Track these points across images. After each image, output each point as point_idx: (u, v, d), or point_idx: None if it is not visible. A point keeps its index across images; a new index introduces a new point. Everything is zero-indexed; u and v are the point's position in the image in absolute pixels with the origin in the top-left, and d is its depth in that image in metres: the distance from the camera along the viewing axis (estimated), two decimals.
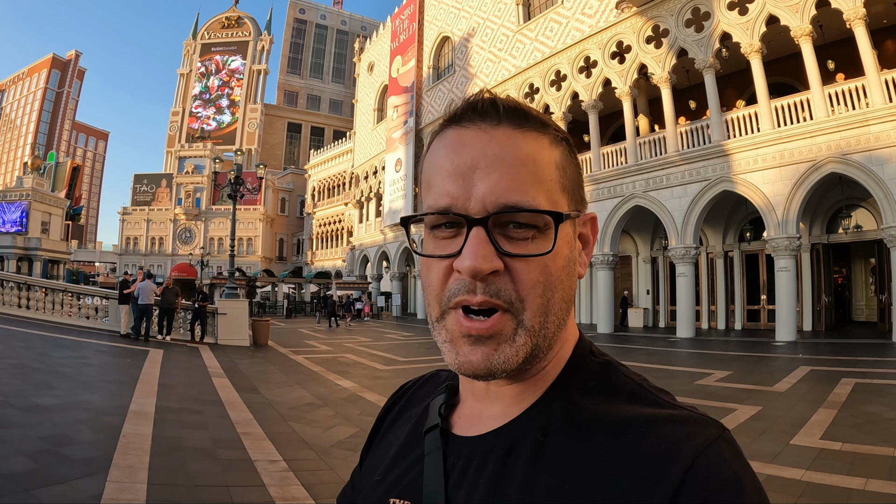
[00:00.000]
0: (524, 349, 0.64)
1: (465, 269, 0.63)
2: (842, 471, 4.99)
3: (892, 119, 15.68)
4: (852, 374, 10.60)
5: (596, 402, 0.66)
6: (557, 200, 0.66)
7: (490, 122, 0.66)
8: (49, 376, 8.96)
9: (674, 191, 21.08)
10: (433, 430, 0.76)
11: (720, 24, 19.49)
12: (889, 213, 16.02)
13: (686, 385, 10.27)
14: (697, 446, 0.57)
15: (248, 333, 17.74)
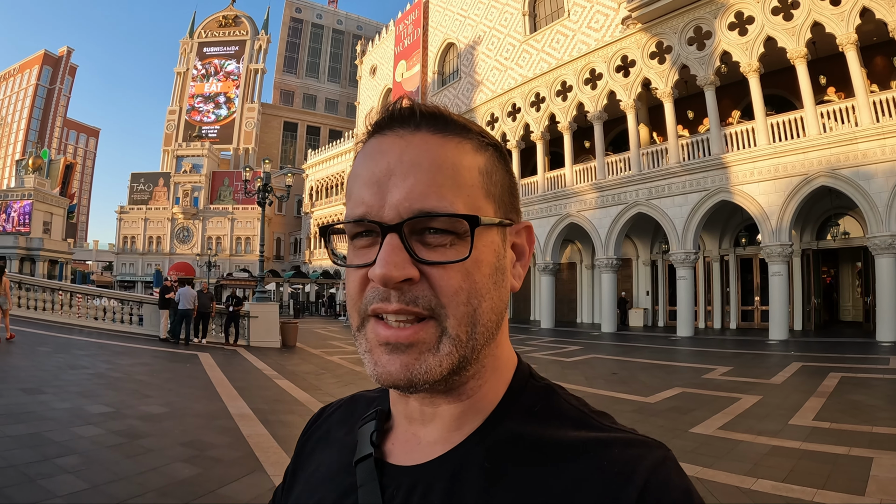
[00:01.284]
0: (448, 359, 0.63)
1: (376, 276, 0.62)
2: (830, 442, 6.45)
3: (879, 138, 17.30)
4: (839, 369, 12.12)
5: (542, 427, 0.67)
6: (480, 206, 0.65)
7: (408, 129, 0.66)
8: (134, 384, 9.88)
9: (675, 199, 22.64)
10: (366, 460, 0.72)
11: (721, 44, 21.04)
12: (874, 224, 17.64)
13: (694, 379, 11.76)
14: (648, 467, 0.59)
15: (278, 336, 18.61)
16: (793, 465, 5.72)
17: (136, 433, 6.56)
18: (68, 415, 7.05)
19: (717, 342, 20.20)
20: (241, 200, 66.19)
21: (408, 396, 0.71)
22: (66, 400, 7.84)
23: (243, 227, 66.14)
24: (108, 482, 4.83)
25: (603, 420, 0.69)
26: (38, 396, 7.87)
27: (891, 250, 17.40)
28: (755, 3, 20.03)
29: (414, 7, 42.11)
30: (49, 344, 13.54)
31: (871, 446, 6.16)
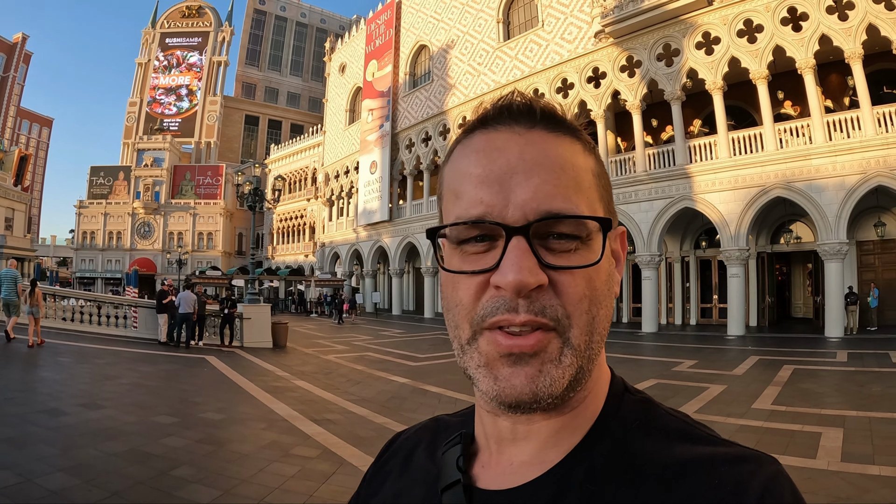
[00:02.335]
0: (570, 370, 0.60)
1: (508, 284, 0.57)
2: (787, 421, 8.02)
3: (831, 154, 19.31)
4: (792, 362, 13.91)
5: (645, 443, 0.63)
6: (597, 210, 0.63)
7: (524, 125, 0.63)
8: (174, 392, 10.36)
9: (641, 205, 24.35)
10: (453, 487, 0.68)
11: (688, 62, 22.82)
12: (824, 232, 19.64)
13: (665, 371, 13.35)
14: (762, 484, 0.56)
15: (270, 336, 18.91)
16: (758, 438, 7.23)
17: (217, 440, 7.17)
18: (145, 427, 7.48)
19: (680, 338, 22.06)
20: (203, 195, 66.18)
21: (499, 415, 0.67)
22: (129, 413, 8.25)
23: (205, 223, 66.13)
24: (235, 486, 5.45)
25: (707, 432, 0.65)
26: (102, 411, 8.21)
27: (838, 256, 19.45)
28: (722, 26, 21.89)
29: (386, 7, 42.91)
30: (63, 352, 13.98)
31: (820, 424, 7.73)
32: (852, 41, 19.03)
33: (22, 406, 7.98)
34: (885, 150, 18.45)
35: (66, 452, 6.04)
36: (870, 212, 21.42)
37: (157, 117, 73.53)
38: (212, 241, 65.95)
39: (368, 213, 41.75)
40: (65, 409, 7.98)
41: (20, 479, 5.11)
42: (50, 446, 6.24)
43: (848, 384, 11.15)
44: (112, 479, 5.36)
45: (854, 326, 20.26)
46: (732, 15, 21.62)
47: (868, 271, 22.61)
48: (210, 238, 66.13)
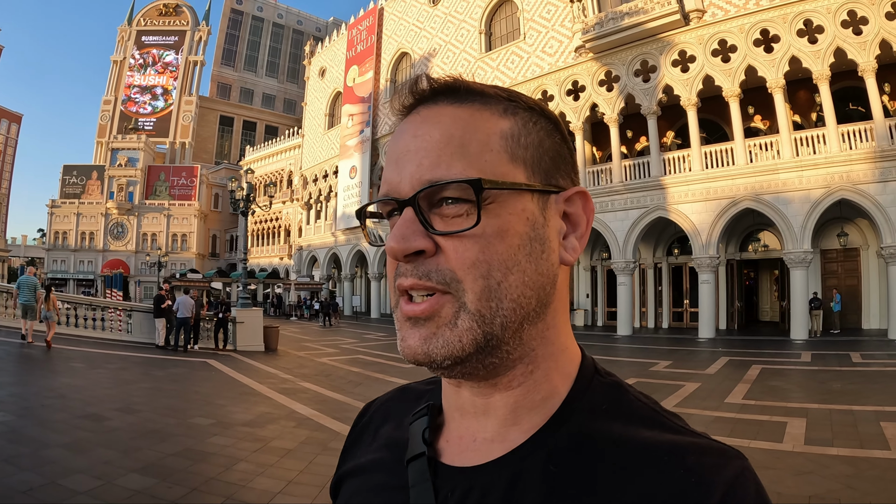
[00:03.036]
0: (469, 335, 0.61)
1: (387, 250, 0.63)
2: (756, 413, 9.10)
3: (797, 169, 20.74)
4: (760, 362, 15.14)
5: (610, 428, 0.64)
6: (504, 172, 0.63)
7: (427, 104, 0.67)
8: (196, 396, 10.83)
9: (617, 214, 25.56)
10: (418, 459, 0.70)
11: (664, 78, 24.12)
12: (790, 242, 21.04)
13: (643, 371, 14.42)
14: (726, 480, 0.57)
15: (262, 340, 19.21)
16: (732, 427, 8.29)
17: (258, 438, 7.62)
18: (186, 429, 7.89)
19: (653, 340, 23.35)
20: (178, 196, 66.00)
21: (459, 386, 0.70)
22: (165, 416, 8.63)
23: (180, 224, 65.89)
24: (295, 477, 5.97)
25: (676, 421, 0.66)
26: (140, 414, 8.58)
27: (803, 264, 20.88)
28: (697, 45, 23.27)
29: (368, 14, 43.71)
30: (73, 358, 14.27)
31: (786, 415, 8.81)
32: (821, 63, 20.50)
33: (62, 412, 8.27)
34: (849, 165, 19.94)
35: (127, 455, 6.45)
36: (833, 222, 22.91)
37: (131, 116, 73.04)
38: (186, 243, 65.72)
39: (348, 218, 42.38)
40: (105, 414, 8.36)
41: (99, 481, 5.44)
42: (109, 449, 6.59)
43: (811, 381, 12.39)
44: (185, 476, 5.83)
45: (818, 329, 21.73)
46: (708, 35, 23.00)
47: (831, 278, 24.16)
48: (184, 240, 65.90)
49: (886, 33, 19.50)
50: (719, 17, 22.70)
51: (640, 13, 23.88)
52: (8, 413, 7.72)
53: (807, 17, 20.93)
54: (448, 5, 36.09)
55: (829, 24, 20.46)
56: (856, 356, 15.63)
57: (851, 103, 22.69)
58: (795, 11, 21.07)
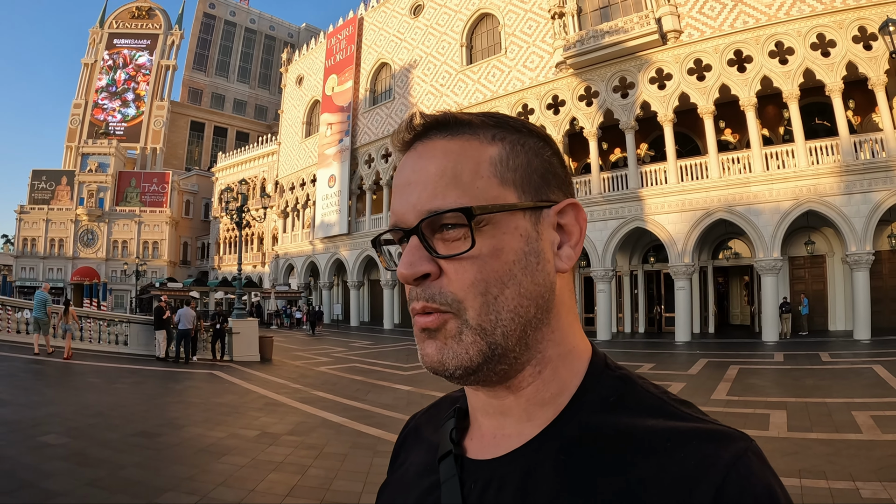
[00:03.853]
0: (475, 347, 0.68)
1: (399, 276, 0.71)
2: (741, 407, 10.27)
3: (767, 182, 22.21)
4: (737, 363, 16.47)
5: (618, 418, 0.69)
6: (497, 195, 0.70)
7: (422, 140, 0.75)
8: (223, 408, 11.08)
9: (596, 225, 26.75)
10: (447, 457, 0.79)
11: (642, 95, 25.48)
12: (760, 250, 22.50)
13: None
14: (728, 461, 0.60)
15: (258, 350, 19.59)
16: (722, 419, 8.60)
17: (311, 445, 8.07)
18: (240, 441, 8.31)
19: (632, 344, 24.72)
20: (149, 203, 65.61)
21: (476, 391, 0.78)
22: (212, 429, 8.99)
23: (151, 231, 65.49)
24: (373, 479, 6.34)
25: (684, 409, 0.70)
26: (189, 429, 8.96)
27: (773, 271, 22.35)
28: (674, 64, 24.69)
29: (348, 23, 44.41)
30: (86, 372, 14.51)
31: (768, 408, 9.98)
32: (791, 84, 22.05)
33: (112, 431, 8.42)
34: (816, 179, 21.45)
35: (202, 468, 6.83)
36: (801, 231, 24.41)
37: (100, 125, 72.21)
38: (157, 251, 65.25)
39: (326, 226, 42.96)
40: (153, 431, 8.67)
41: (194, 496, 5.78)
42: (182, 466, 6.93)
43: (786, 379, 13.69)
44: (270, 485, 6.26)
45: (787, 332, 23.21)
46: (684, 54, 24.46)
47: (799, 283, 25.72)
48: (156, 247, 65.43)
49: (853, 56, 21.13)
50: (695, 37, 24.18)
51: (620, 32, 25.25)
52: (61, 435, 7.89)
53: (778, 40, 22.50)
54: (429, 17, 37.13)
55: (798, 46, 22.02)
56: (825, 355, 17.03)
57: (818, 118, 24.41)
58: (768, 34, 22.63)
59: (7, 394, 10.59)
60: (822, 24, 21.71)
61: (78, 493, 5.64)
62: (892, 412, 9.11)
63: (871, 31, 20.75)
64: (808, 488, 5.89)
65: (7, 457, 6.67)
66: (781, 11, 22.37)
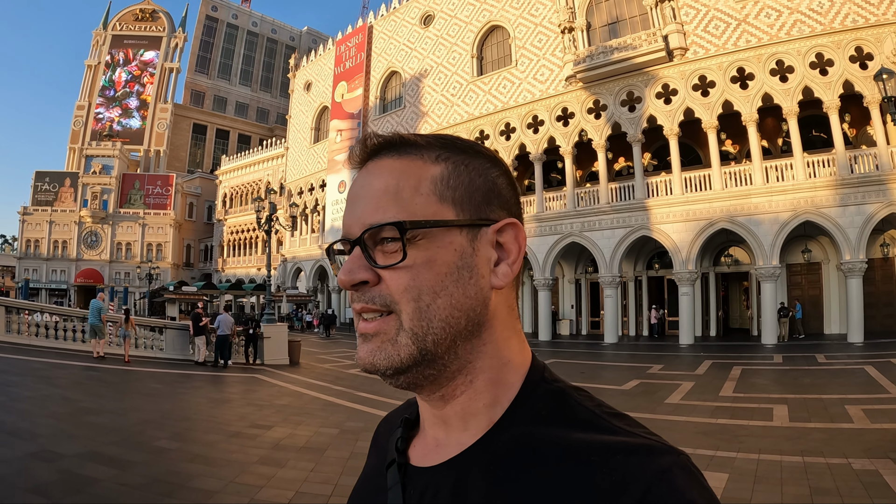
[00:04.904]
0: (406, 350, 0.74)
1: (338, 282, 0.77)
2: (747, 403, 11.77)
3: (767, 194, 23.82)
4: (739, 364, 18.02)
5: (548, 431, 0.72)
6: (434, 212, 0.75)
7: (374, 159, 0.81)
8: (288, 409, 11.77)
9: (604, 233, 28.36)
10: (392, 465, 0.84)
11: (649, 109, 27.07)
12: (760, 258, 24.09)
13: (642, 373, 17.00)
14: (650, 476, 0.62)
15: (287, 354, 20.48)
16: (732, 412, 10.88)
17: None
18: (329, 438, 9.00)
19: (639, 347, 26.21)
20: (152, 205, 66.55)
21: (423, 401, 0.85)
22: (296, 428, 9.75)
23: (154, 234, 66.22)
24: None
25: (616, 422, 0.73)
26: (276, 429, 9.67)
27: (772, 277, 23.93)
28: (679, 79, 26.29)
29: (357, 31, 45.84)
30: (143, 378, 15.31)
31: (770, 403, 11.48)
32: (790, 100, 23.67)
33: (210, 433, 9.32)
34: (813, 191, 23.07)
35: (321, 463, 7.49)
36: (798, 240, 25.98)
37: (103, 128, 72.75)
38: (161, 253, 65.89)
39: (336, 231, 44.00)
40: (246, 432, 9.43)
41: (328, 485, 6.40)
42: (301, 461, 7.58)
43: (785, 378, 15.24)
44: None
45: (785, 335, 24.80)
46: (689, 71, 26.06)
47: (796, 289, 27.40)
48: (159, 249, 66.06)
49: (850, 74, 22.75)
50: (700, 55, 25.81)
51: (628, 49, 26.85)
52: (170, 439, 8.56)
53: (779, 58, 24.13)
54: (440, 27, 38.59)
55: (798, 64, 23.64)
56: (820, 357, 18.60)
57: (815, 130, 25.98)
58: (769, 52, 24.26)
59: (90, 402, 11.36)
60: (820, 45, 23.33)
61: (242, 492, 6.25)
62: (880, 406, 10.60)
63: (867, 50, 22.51)
64: (809, 463, 7.29)
65: (142, 462, 7.26)
66: (783, 31, 24.00)
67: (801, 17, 23.68)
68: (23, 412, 9.14)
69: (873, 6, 22.29)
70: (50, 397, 11.04)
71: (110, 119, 74.65)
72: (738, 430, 9.34)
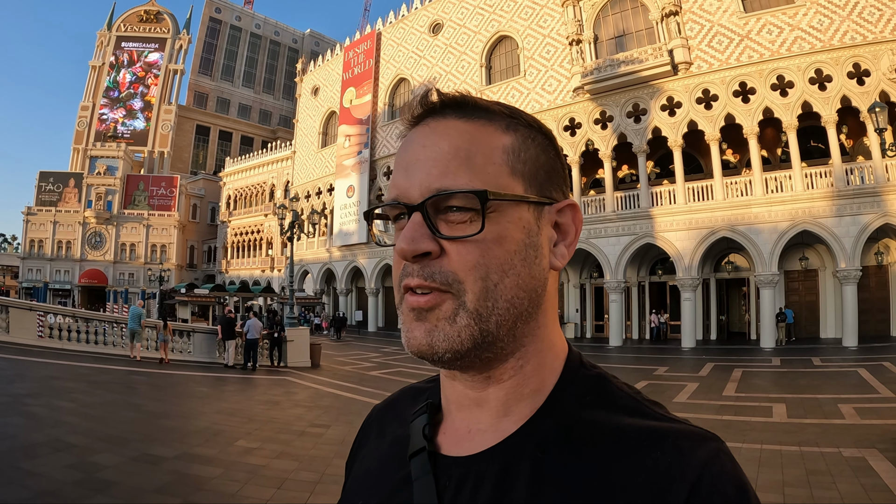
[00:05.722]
0: (468, 331, 0.70)
1: (397, 251, 0.72)
2: (749, 401, 13.05)
3: (767, 204, 25.13)
4: (740, 366, 19.39)
5: (594, 416, 0.72)
6: (505, 184, 0.72)
7: (436, 117, 0.76)
8: (335, 410, 12.60)
9: (609, 240, 29.64)
10: (420, 454, 0.79)
11: (654, 121, 28.38)
12: (759, 265, 25.39)
13: (649, 375, 18.29)
14: (702, 461, 0.64)
15: (308, 356, 21.19)
16: (736, 410, 12.15)
17: None
18: None
19: (643, 350, 27.58)
20: (157, 206, 67.33)
21: (455, 380, 0.80)
22: (351, 425, 9.77)
23: (159, 235, 66.88)
24: None
25: (656, 409, 0.74)
26: (333, 428, 10.46)
27: (771, 284, 25.24)
28: (684, 93, 27.62)
29: (365, 38, 47.00)
30: (185, 381, 16.31)
31: (770, 402, 12.78)
32: (790, 115, 24.99)
33: (281, 433, 9.94)
34: (811, 202, 24.36)
35: None
36: (796, 247, 27.24)
37: (107, 130, 73.55)
38: (165, 254, 66.54)
39: (345, 235, 45.48)
40: (310, 431, 10.16)
41: None
42: None
43: (783, 379, 16.65)
44: None
45: (782, 339, 26.08)
46: (693, 84, 27.38)
47: (793, 295, 28.77)
48: (164, 250, 66.74)
49: (847, 90, 24.07)
50: (704, 69, 27.13)
51: (635, 62, 28.14)
52: (247, 439, 9.25)
53: (780, 73, 25.45)
54: (448, 36, 39.78)
55: (798, 80, 24.96)
56: (816, 360, 19.99)
57: (813, 140, 27.26)
58: (770, 68, 25.59)
59: (154, 406, 12.04)
60: (820, 61, 24.63)
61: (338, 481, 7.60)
62: (870, 405, 11.87)
63: (864, 67, 23.83)
64: (805, 452, 8.51)
65: (237, 461, 7.87)
66: (783, 47, 25.30)
67: (802, 34, 24.99)
68: (100, 419, 9.76)
69: (871, 24, 23.59)
70: (114, 403, 11.73)
71: (114, 120, 75.29)
72: (741, 426, 10.58)
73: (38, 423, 8.66)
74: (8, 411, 9.12)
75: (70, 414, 9.66)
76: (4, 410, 9.14)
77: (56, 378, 13.49)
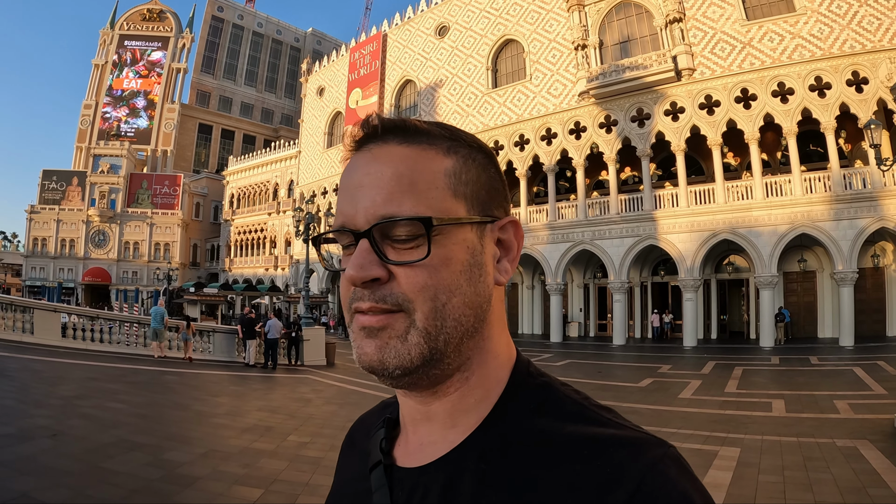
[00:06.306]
0: (417, 349, 0.72)
1: (347, 278, 0.73)
2: (750, 397, 13.91)
3: (767, 208, 26.04)
4: (740, 364, 20.25)
5: (537, 425, 0.73)
6: (448, 207, 0.74)
7: (377, 143, 0.77)
8: (364, 408, 14.29)
9: (613, 241, 30.56)
10: (377, 467, 0.82)
11: (657, 125, 29.28)
12: (759, 267, 26.30)
13: (653, 372, 19.08)
14: (642, 467, 0.63)
15: (324, 355, 21.73)
16: (737, 405, 13.03)
17: None
18: None
19: (646, 349, 28.47)
20: (160, 205, 67.84)
21: (406, 397, 0.82)
22: None
23: (162, 233, 67.34)
24: None
25: (604, 414, 0.74)
26: None
27: (770, 285, 26.15)
28: (687, 98, 28.53)
29: (371, 39, 47.71)
30: (215, 380, 16.77)
31: (769, 398, 13.64)
32: (790, 121, 25.90)
33: (326, 427, 10.35)
34: (809, 206, 25.28)
35: None
36: (795, 249, 28.16)
37: (110, 128, 73.98)
38: (168, 252, 67.07)
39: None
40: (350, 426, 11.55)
41: None
42: None
43: (782, 377, 17.54)
44: None
45: (781, 338, 26.98)
46: (696, 90, 28.30)
47: (792, 295, 29.72)
48: (167, 249, 67.27)
49: (846, 97, 24.99)
50: (706, 75, 28.05)
51: (639, 68, 29.05)
52: (298, 435, 9.69)
53: (780, 80, 26.35)
54: (455, 39, 40.54)
55: (798, 87, 25.87)
56: (813, 359, 20.92)
57: (812, 144, 28.18)
58: (771, 75, 26.50)
59: (197, 405, 12.51)
60: (819, 69, 25.54)
61: None
62: (864, 401, 12.72)
63: (863, 75, 24.76)
64: (802, 442, 9.36)
65: (307, 455, 8.27)
66: (784, 55, 26.20)
67: (803, 42, 25.89)
68: (155, 418, 10.25)
69: (870, 33, 24.50)
70: (161, 403, 12.28)
71: (118, 118, 75.67)
72: (743, 420, 11.41)
73: (99, 424, 9.11)
74: (67, 414, 9.54)
75: (125, 415, 10.13)
76: (63, 413, 9.56)
77: (95, 379, 14.02)
